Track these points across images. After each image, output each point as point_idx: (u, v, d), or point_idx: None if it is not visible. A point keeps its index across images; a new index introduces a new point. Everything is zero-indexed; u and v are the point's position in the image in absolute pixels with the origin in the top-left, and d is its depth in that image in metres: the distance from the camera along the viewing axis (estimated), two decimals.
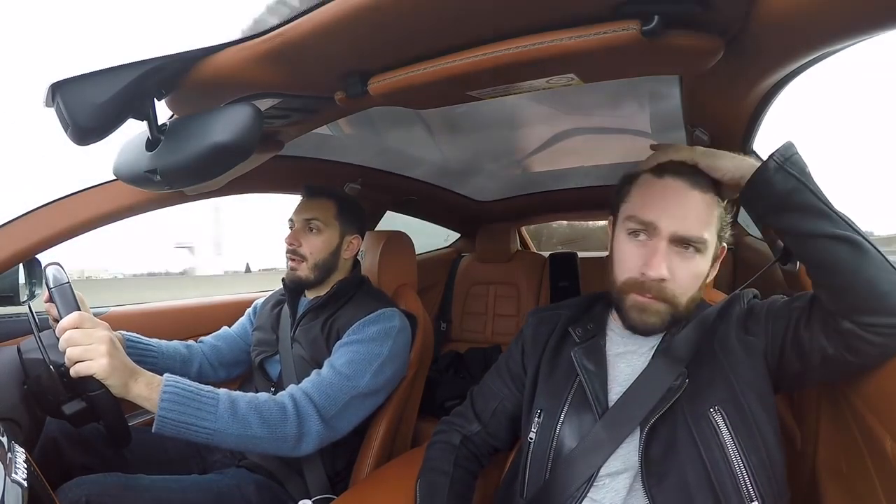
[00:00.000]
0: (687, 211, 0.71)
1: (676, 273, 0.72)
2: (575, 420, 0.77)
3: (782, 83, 0.72)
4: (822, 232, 0.62)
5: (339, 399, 1.01)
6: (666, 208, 0.72)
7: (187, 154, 0.69)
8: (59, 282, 0.90)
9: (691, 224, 0.71)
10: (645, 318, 0.74)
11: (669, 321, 0.74)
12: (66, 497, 0.85)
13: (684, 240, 0.71)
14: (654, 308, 0.73)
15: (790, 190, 0.64)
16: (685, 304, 0.74)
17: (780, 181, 0.64)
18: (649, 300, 0.73)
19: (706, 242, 0.72)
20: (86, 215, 1.01)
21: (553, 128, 1.41)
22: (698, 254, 0.72)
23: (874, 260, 0.62)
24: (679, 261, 0.72)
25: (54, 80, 0.63)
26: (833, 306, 0.64)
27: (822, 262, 0.63)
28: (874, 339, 0.61)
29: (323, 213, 1.21)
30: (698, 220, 0.71)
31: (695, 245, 0.71)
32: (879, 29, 0.50)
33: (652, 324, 0.74)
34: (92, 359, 0.80)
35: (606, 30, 0.53)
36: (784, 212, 0.65)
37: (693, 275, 0.73)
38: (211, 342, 1.32)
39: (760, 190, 0.66)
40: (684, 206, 0.71)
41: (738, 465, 0.67)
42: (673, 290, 0.72)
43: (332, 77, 0.71)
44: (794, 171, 0.64)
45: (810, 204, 0.63)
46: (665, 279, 0.71)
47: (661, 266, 0.70)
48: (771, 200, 0.65)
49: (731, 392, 0.70)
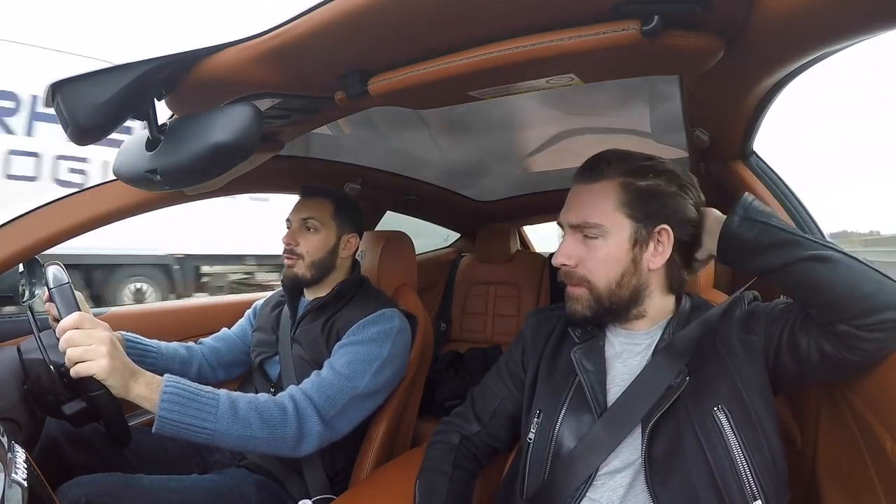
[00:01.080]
0: (577, 202, 0.79)
1: (584, 259, 0.77)
2: (574, 420, 0.77)
3: (782, 83, 0.72)
4: (794, 258, 0.66)
5: (339, 399, 1.01)
6: (567, 207, 0.81)
7: (187, 154, 0.69)
8: (59, 282, 0.90)
9: (579, 213, 0.78)
10: (570, 305, 0.80)
11: (594, 307, 0.78)
12: (66, 497, 0.85)
13: (576, 227, 0.78)
14: (574, 295, 0.79)
15: (758, 233, 0.68)
16: (603, 287, 0.77)
17: (746, 231, 0.69)
18: (570, 288, 0.80)
19: (600, 226, 0.76)
20: (86, 215, 1.01)
21: (553, 128, 1.42)
22: (599, 238, 0.76)
23: (851, 267, 0.64)
24: (582, 248, 0.78)
25: (54, 80, 0.63)
26: (823, 319, 0.66)
27: (802, 284, 0.66)
28: (871, 336, 0.62)
29: (320, 212, 1.21)
30: (586, 208, 0.77)
31: (587, 230, 0.77)
32: (879, 29, 0.50)
33: (576, 310, 0.79)
34: (92, 359, 0.80)
35: (606, 30, 0.53)
36: (757, 254, 0.69)
37: (598, 259, 0.77)
38: (210, 343, 1.32)
39: (731, 243, 0.71)
40: (575, 199, 0.80)
41: (741, 464, 0.67)
42: (583, 274, 0.78)
43: (332, 77, 0.71)
44: (756, 217, 0.69)
45: (779, 239, 0.67)
46: (565, 265, 0.78)
47: (561, 254, 0.78)
48: (743, 248, 0.70)
49: (735, 391, 0.70)
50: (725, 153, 1.06)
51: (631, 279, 0.77)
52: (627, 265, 0.77)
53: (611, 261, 0.76)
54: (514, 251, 2.23)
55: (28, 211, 0.99)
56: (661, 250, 0.77)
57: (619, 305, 0.78)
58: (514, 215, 2.23)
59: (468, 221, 2.28)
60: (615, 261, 0.76)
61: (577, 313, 0.79)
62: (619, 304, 0.78)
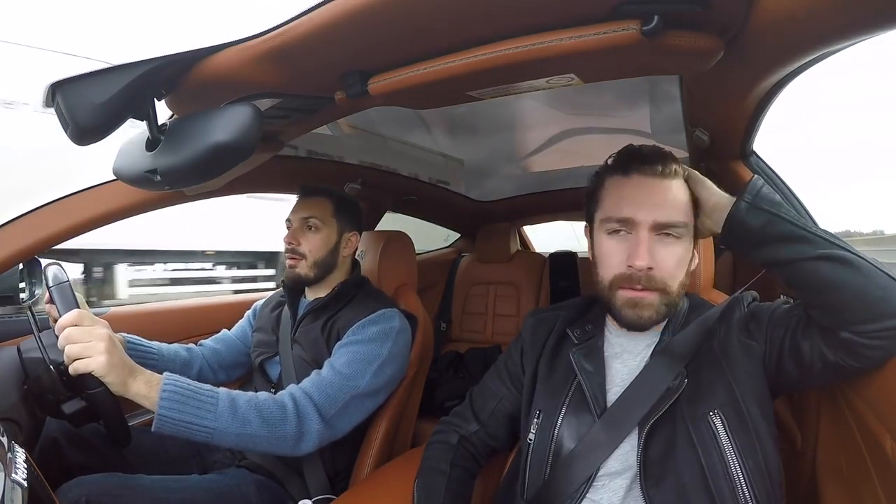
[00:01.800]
0: (662, 199, 0.73)
1: (661, 261, 0.73)
2: (573, 421, 0.77)
3: (782, 83, 0.72)
4: (802, 255, 0.63)
5: (339, 399, 1.01)
6: (641, 202, 0.73)
7: (187, 154, 0.69)
8: (58, 280, 0.90)
9: (668, 211, 0.72)
10: (639, 312, 0.74)
11: (665, 311, 0.74)
12: (66, 497, 0.84)
13: (664, 226, 0.73)
14: (647, 301, 0.73)
15: (764, 223, 0.65)
16: (676, 289, 0.74)
17: (753, 218, 0.66)
18: (640, 293, 0.73)
19: (686, 226, 0.73)
20: (86, 215, 1.01)
21: (553, 128, 1.42)
22: (678, 239, 0.73)
23: (860, 269, 0.62)
24: (661, 248, 0.73)
25: (54, 80, 0.63)
26: (826, 322, 0.64)
27: (809, 284, 0.64)
28: (874, 344, 0.61)
29: (320, 211, 1.21)
30: (674, 207, 0.73)
31: (675, 230, 0.73)
32: (879, 29, 0.50)
33: (648, 317, 0.74)
34: (90, 356, 0.80)
35: (606, 30, 0.53)
36: (763, 245, 0.66)
37: (677, 259, 0.74)
38: (211, 345, 1.32)
39: (736, 230, 0.68)
40: (658, 195, 0.73)
41: (735, 470, 0.67)
42: (662, 277, 0.73)
43: (332, 77, 0.71)
44: (764, 206, 0.66)
45: (787, 232, 0.65)
46: (652, 268, 0.72)
47: (646, 255, 0.72)
48: (749, 237, 0.67)
49: (731, 396, 0.70)
50: (725, 153, 1.06)
51: (686, 279, 0.77)
52: (688, 266, 0.76)
53: (684, 262, 0.75)
54: (514, 251, 2.22)
55: (28, 211, 0.99)
56: (698, 251, 0.79)
57: (676, 308, 0.77)
58: (514, 215, 2.23)
59: (468, 221, 2.28)
60: (686, 261, 0.75)
61: (647, 320, 0.74)
62: (676, 306, 0.76)
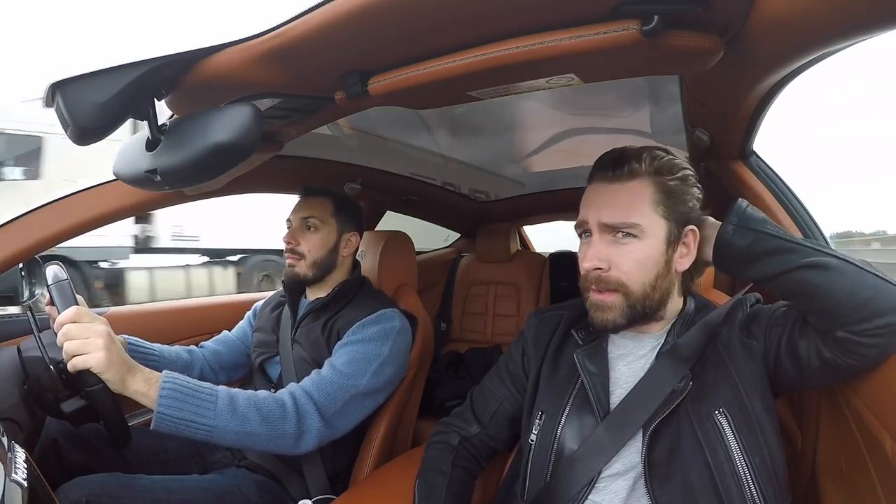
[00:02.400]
0: (609, 201, 0.74)
1: (616, 261, 0.73)
2: (576, 422, 0.77)
3: (782, 83, 0.72)
4: (790, 266, 0.64)
5: (339, 398, 1.01)
6: (591, 205, 0.76)
7: (187, 154, 0.69)
8: (57, 279, 0.90)
9: (614, 212, 0.73)
10: (601, 314, 0.75)
11: (629, 314, 0.74)
12: (66, 497, 0.84)
13: (612, 227, 0.73)
14: (607, 303, 0.74)
15: (752, 241, 0.67)
16: (638, 291, 0.73)
17: (740, 240, 0.68)
18: (601, 296, 0.74)
19: (638, 226, 0.72)
20: (86, 215, 1.01)
21: (553, 128, 1.42)
22: (635, 239, 0.73)
23: (847, 272, 0.63)
24: (616, 249, 0.73)
25: (55, 80, 0.63)
26: (823, 325, 0.65)
27: (799, 292, 0.65)
28: (870, 342, 0.62)
29: (319, 211, 1.21)
30: (623, 207, 0.73)
31: (624, 230, 0.73)
32: (879, 29, 0.50)
33: (609, 320, 0.74)
34: (89, 352, 0.80)
35: (606, 30, 0.52)
36: (752, 262, 0.68)
37: (633, 261, 0.73)
38: (211, 346, 1.32)
39: (726, 252, 0.69)
40: (607, 197, 0.74)
41: (741, 468, 0.67)
42: (617, 277, 0.73)
43: (332, 77, 0.71)
44: (750, 225, 0.67)
45: (773, 246, 0.66)
46: (600, 268, 0.73)
47: (593, 257, 0.73)
48: (738, 257, 0.69)
49: (736, 394, 0.70)
50: (725, 153, 1.06)
51: (663, 282, 0.75)
52: (661, 267, 0.74)
53: (648, 263, 0.73)
54: (514, 251, 2.23)
55: (28, 211, 0.99)
56: (688, 251, 0.76)
57: (651, 310, 0.75)
58: (514, 215, 2.23)
59: (468, 221, 2.28)
60: (652, 263, 0.73)
61: (610, 322, 0.74)
62: (651, 308, 0.75)
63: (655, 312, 0.76)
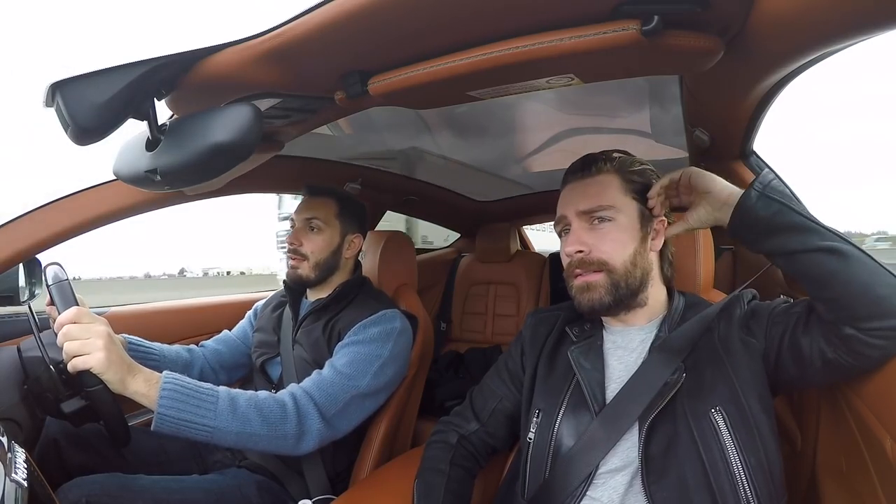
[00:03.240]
0: (583, 192, 0.81)
1: (595, 243, 0.78)
2: (572, 419, 0.78)
3: (782, 83, 0.72)
4: (810, 246, 0.64)
5: (340, 398, 1.01)
6: (567, 202, 0.82)
7: (187, 154, 0.69)
8: (57, 279, 0.90)
9: (589, 199, 0.79)
10: (588, 294, 0.78)
11: (613, 291, 0.77)
12: (66, 497, 0.84)
13: (588, 213, 0.79)
14: (591, 282, 0.78)
15: (774, 212, 0.66)
16: (620, 268, 0.78)
17: (763, 207, 0.66)
18: (584, 278, 0.79)
19: (612, 208, 0.78)
20: (86, 215, 1.01)
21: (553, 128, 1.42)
22: (610, 222, 0.79)
23: (866, 266, 0.62)
24: (594, 233, 0.79)
25: (54, 80, 0.63)
26: (832, 316, 0.64)
27: (816, 275, 0.64)
28: (876, 343, 0.61)
29: (324, 212, 1.21)
30: (595, 195, 0.79)
31: (599, 214, 0.79)
32: (879, 29, 0.50)
33: (596, 299, 0.78)
34: (89, 353, 0.80)
35: (606, 30, 0.53)
36: (772, 234, 0.67)
37: (612, 240, 0.78)
38: (212, 346, 1.32)
39: (745, 218, 0.68)
40: (579, 190, 0.81)
41: (736, 467, 0.67)
42: (599, 257, 0.78)
43: (332, 77, 0.71)
44: (774, 196, 0.66)
45: (796, 222, 0.65)
46: (582, 251, 0.79)
47: (574, 241, 0.79)
48: (757, 226, 0.67)
49: (733, 393, 0.70)
50: (725, 153, 1.06)
51: (642, 259, 0.79)
52: (638, 244, 0.79)
53: (625, 240, 0.78)
54: (514, 251, 2.23)
55: (28, 211, 0.99)
56: (659, 231, 0.81)
57: (634, 287, 0.79)
58: (514, 215, 2.23)
59: (468, 221, 2.28)
60: (629, 239, 0.79)
61: (597, 301, 0.78)
62: (633, 285, 0.79)
63: (638, 293, 0.80)
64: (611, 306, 0.78)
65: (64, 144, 0.68)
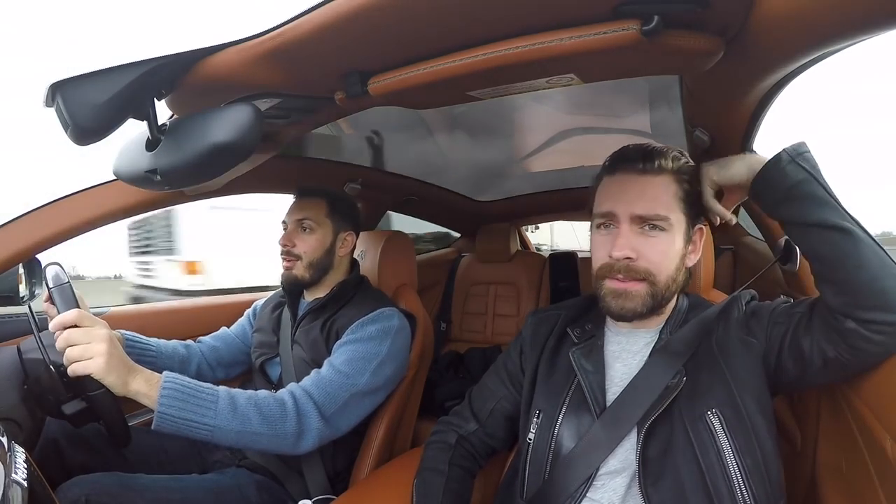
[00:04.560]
0: (641, 193, 0.75)
1: (644, 252, 0.74)
2: (573, 420, 0.77)
3: (782, 83, 0.72)
4: (827, 221, 0.63)
5: (339, 397, 1.01)
6: (620, 196, 0.76)
7: (187, 154, 0.69)
8: (58, 281, 0.90)
9: (647, 204, 0.75)
10: (622, 302, 0.75)
11: (651, 304, 0.75)
12: (66, 497, 0.84)
13: (643, 219, 0.75)
14: (632, 291, 0.75)
15: (800, 180, 0.65)
16: (663, 281, 0.75)
17: (792, 171, 0.66)
18: (625, 284, 0.75)
19: (667, 219, 0.75)
20: (86, 215, 1.01)
21: (553, 128, 1.42)
22: (662, 232, 0.75)
23: (878, 255, 0.62)
24: (644, 240, 0.75)
25: (54, 80, 0.63)
26: (836, 301, 0.64)
27: (827, 254, 0.64)
28: (876, 338, 0.62)
29: (314, 212, 1.21)
30: (654, 200, 0.75)
31: (654, 222, 0.75)
32: (879, 29, 0.50)
33: (631, 308, 0.75)
34: (90, 357, 0.80)
35: (606, 30, 0.53)
36: (793, 200, 0.66)
37: (661, 252, 0.75)
38: (209, 342, 1.32)
39: (771, 180, 0.68)
40: (637, 190, 0.76)
41: (733, 469, 0.67)
42: (646, 267, 0.75)
43: (332, 77, 0.71)
44: (805, 165, 0.66)
45: (818, 194, 0.65)
46: (630, 258, 0.74)
47: (624, 246, 0.74)
48: (781, 189, 0.67)
49: (730, 395, 0.70)
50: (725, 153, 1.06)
51: (679, 275, 0.78)
52: (679, 260, 0.77)
53: (672, 255, 0.76)
54: (514, 251, 2.23)
55: (28, 211, 0.99)
56: (696, 248, 0.80)
57: (668, 299, 0.78)
58: (514, 215, 2.23)
59: (468, 221, 2.28)
60: (675, 255, 0.76)
61: (630, 311, 0.75)
62: (668, 298, 0.77)
63: (666, 305, 0.79)
64: (643, 316, 0.77)
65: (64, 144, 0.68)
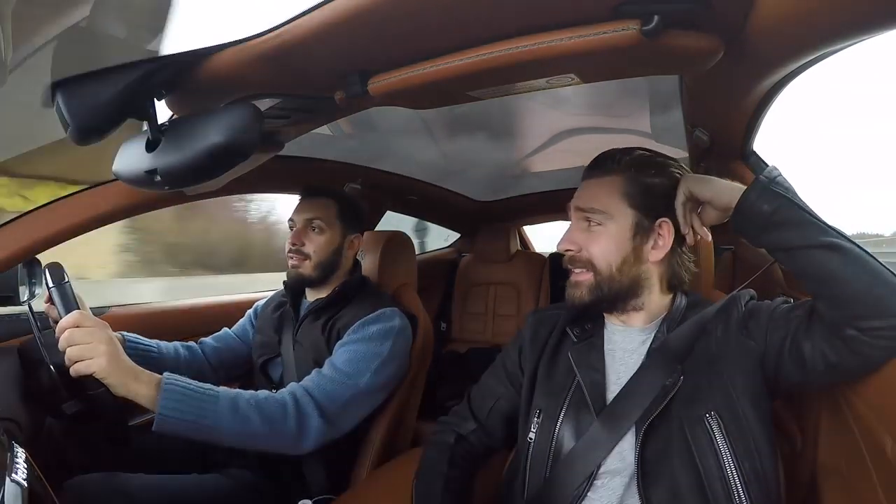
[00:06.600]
0: (584, 190, 0.82)
1: (586, 244, 0.80)
2: (574, 419, 0.78)
3: (782, 83, 0.72)
4: (811, 242, 0.63)
5: (340, 397, 1.01)
6: (575, 195, 0.84)
7: (187, 154, 0.69)
8: (59, 281, 0.90)
9: (585, 199, 0.81)
10: (572, 290, 0.81)
11: (595, 292, 0.79)
12: (66, 497, 0.85)
13: (581, 211, 0.81)
14: (577, 281, 0.80)
15: (777, 207, 0.65)
16: (605, 272, 0.78)
17: (767, 200, 0.66)
18: (574, 276, 0.81)
19: (605, 213, 0.78)
20: (86, 215, 1.01)
21: (553, 128, 1.42)
22: (600, 226, 0.79)
23: (868, 264, 0.62)
24: (587, 235, 0.80)
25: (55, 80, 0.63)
26: (834, 314, 0.64)
27: (816, 273, 0.64)
28: (878, 343, 0.61)
29: (325, 212, 1.21)
30: (593, 197, 0.80)
31: (590, 216, 0.79)
32: (879, 29, 0.50)
33: (577, 296, 0.80)
34: (91, 358, 0.80)
35: (606, 30, 0.53)
36: (774, 229, 0.66)
37: (601, 244, 0.79)
38: (211, 343, 1.31)
39: (748, 212, 0.68)
40: (583, 190, 0.83)
41: (730, 472, 0.67)
42: (587, 258, 0.79)
43: (332, 77, 0.71)
44: (779, 190, 0.66)
45: (798, 217, 0.65)
46: (571, 250, 0.80)
47: (566, 240, 0.81)
48: (760, 220, 0.67)
49: (728, 398, 0.70)
50: (725, 153, 1.06)
51: (631, 268, 0.78)
52: (628, 253, 0.78)
53: (612, 246, 0.78)
54: (514, 251, 2.23)
55: (28, 211, 0.99)
56: (662, 243, 0.79)
57: (619, 292, 0.79)
58: (514, 215, 2.23)
59: (468, 221, 2.28)
60: (617, 247, 0.78)
61: (577, 298, 0.80)
62: (618, 290, 0.79)
63: (627, 298, 0.80)
64: (589, 305, 0.80)
65: None
